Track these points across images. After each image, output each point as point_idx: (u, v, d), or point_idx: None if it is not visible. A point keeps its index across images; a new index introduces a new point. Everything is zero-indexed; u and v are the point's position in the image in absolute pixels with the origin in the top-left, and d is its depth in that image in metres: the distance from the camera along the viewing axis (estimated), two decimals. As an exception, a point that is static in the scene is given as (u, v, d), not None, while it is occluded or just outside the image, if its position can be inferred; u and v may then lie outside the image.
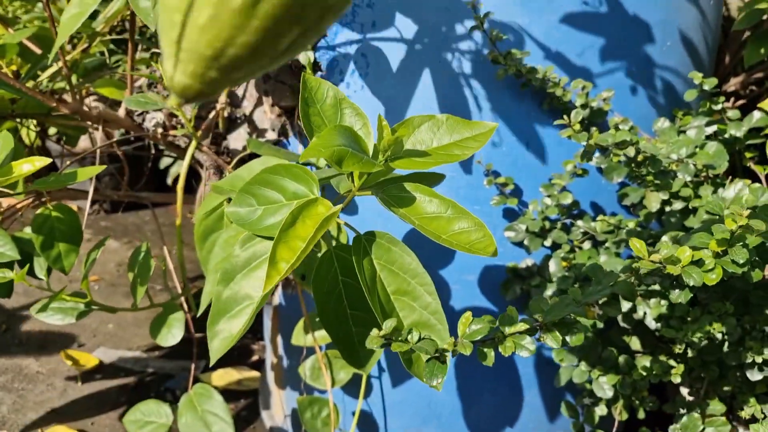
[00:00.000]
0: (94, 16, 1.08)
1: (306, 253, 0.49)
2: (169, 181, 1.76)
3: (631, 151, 0.59)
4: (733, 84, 0.99)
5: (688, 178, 0.65)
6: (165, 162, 1.77)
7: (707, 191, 0.66)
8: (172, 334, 0.78)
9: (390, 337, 0.44)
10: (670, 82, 0.81)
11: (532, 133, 0.77)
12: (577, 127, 0.61)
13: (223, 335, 0.56)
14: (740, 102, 1.00)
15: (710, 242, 0.42)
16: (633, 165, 0.64)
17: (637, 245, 0.42)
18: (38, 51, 1.06)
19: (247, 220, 0.58)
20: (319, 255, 0.62)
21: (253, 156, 0.93)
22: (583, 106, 0.69)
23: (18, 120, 1.13)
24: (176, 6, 0.19)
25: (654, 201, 0.70)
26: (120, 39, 1.31)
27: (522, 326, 0.44)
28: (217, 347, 0.56)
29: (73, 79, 1.10)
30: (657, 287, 0.47)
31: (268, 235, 0.57)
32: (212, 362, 0.56)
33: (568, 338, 0.44)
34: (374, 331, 0.44)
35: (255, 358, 1.32)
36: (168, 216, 1.98)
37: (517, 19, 0.72)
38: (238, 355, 1.32)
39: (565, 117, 0.65)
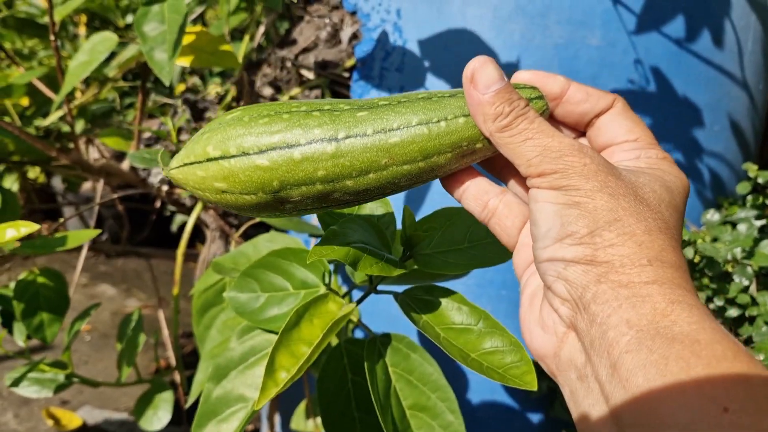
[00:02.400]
0: (107, 59, 1.03)
1: (311, 362, 0.42)
2: (174, 228, 1.70)
3: (689, 252, 0.52)
4: (777, 169, 0.93)
5: (746, 283, 0.58)
6: (172, 209, 1.71)
7: (765, 297, 0.59)
8: (158, 417, 0.70)
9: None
10: (715, 167, 0.75)
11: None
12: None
13: (210, 442, 0.48)
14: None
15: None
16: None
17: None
18: (48, 92, 1.01)
19: (247, 309, 0.51)
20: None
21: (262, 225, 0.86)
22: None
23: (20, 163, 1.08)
24: None
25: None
26: (134, 85, 1.27)
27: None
28: (202, 456, 0.48)
29: (80, 125, 1.05)
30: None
31: (270, 329, 0.50)
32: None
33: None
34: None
35: (250, 427, 1.23)
36: (170, 264, 1.91)
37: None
38: (232, 423, 1.23)
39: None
